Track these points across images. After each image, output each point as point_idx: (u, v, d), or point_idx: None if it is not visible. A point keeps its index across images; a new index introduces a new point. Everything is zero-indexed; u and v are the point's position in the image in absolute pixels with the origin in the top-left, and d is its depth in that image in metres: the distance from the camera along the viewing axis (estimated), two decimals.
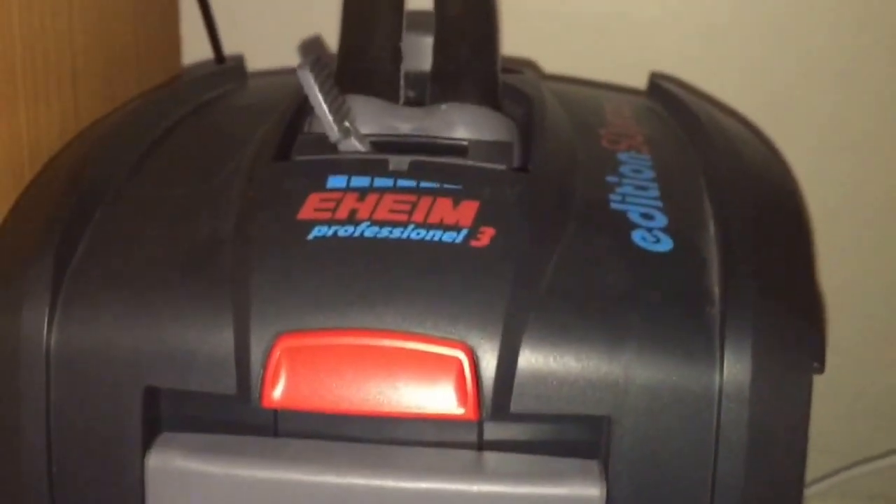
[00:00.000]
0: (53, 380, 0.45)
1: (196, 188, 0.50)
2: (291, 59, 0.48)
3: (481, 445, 0.45)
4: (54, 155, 0.57)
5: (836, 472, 0.86)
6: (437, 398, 0.42)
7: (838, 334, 0.82)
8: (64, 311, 0.45)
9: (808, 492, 0.87)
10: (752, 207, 0.49)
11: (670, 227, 0.48)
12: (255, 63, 0.74)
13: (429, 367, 0.42)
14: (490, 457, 0.45)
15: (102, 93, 0.67)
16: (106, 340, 0.44)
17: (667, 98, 0.62)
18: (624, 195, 0.49)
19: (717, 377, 0.43)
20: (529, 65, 0.74)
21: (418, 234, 0.44)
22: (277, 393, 0.43)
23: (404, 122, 0.52)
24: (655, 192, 0.50)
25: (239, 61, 0.69)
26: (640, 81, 0.70)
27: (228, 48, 0.77)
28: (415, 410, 0.43)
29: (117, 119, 0.58)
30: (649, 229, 0.47)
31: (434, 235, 0.44)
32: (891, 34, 0.76)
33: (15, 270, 0.46)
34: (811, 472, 0.85)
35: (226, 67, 0.68)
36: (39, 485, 0.45)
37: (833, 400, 0.85)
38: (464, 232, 0.45)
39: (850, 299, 0.82)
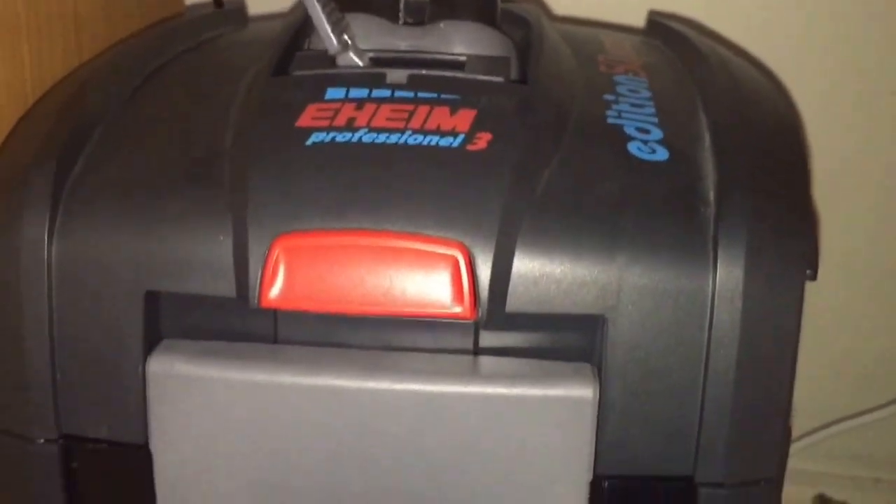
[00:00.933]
0: (55, 287, 0.45)
1: (196, 105, 0.51)
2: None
3: (477, 351, 0.46)
4: (57, 82, 0.58)
5: (821, 428, 0.86)
6: (434, 297, 0.43)
7: (827, 298, 0.82)
8: (65, 218, 0.45)
9: (794, 448, 0.88)
10: (749, 123, 0.49)
11: (666, 139, 0.48)
12: (255, 9, 0.75)
13: (425, 266, 0.43)
14: (485, 360, 0.45)
15: (105, 35, 0.67)
16: (106, 246, 0.45)
17: (665, 32, 0.63)
18: (620, 111, 0.50)
19: (710, 278, 0.43)
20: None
21: (415, 139, 0.45)
22: (275, 293, 0.43)
23: (403, 40, 0.52)
24: (651, 110, 0.50)
25: (239, 4, 0.70)
26: None
27: None
28: (411, 309, 0.43)
29: (119, 49, 0.58)
30: (645, 141, 0.48)
31: (431, 140, 0.45)
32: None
33: (16, 179, 0.47)
34: (796, 432, 0.86)
35: (227, 9, 0.68)
36: (43, 392, 0.46)
37: (820, 362, 0.85)
38: (461, 137, 0.45)
39: (841, 265, 0.82)
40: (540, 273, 0.43)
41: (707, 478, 0.44)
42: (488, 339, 0.46)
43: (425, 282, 0.43)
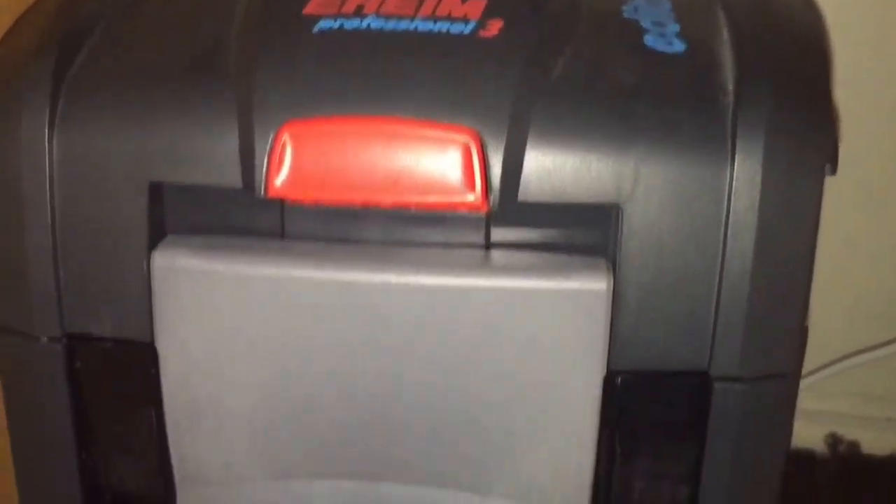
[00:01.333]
0: (56, 181, 0.44)
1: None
2: None
3: (489, 245, 0.45)
4: None
5: (835, 362, 0.85)
6: (445, 184, 0.42)
7: (841, 233, 0.81)
8: (65, 110, 0.44)
9: (805, 384, 0.87)
10: (769, 18, 0.48)
11: (683, 32, 0.46)
12: None
13: (436, 152, 0.42)
14: (497, 254, 0.44)
15: None
16: (108, 137, 0.44)
17: None
18: (636, 7, 0.48)
19: (728, 167, 0.42)
20: None
21: (425, 25, 0.44)
22: (281, 181, 0.42)
23: None
24: (668, 6, 0.49)
25: None
26: None
27: None
28: (422, 197, 0.42)
29: None
30: (662, 34, 0.46)
31: (441, 27, 0.44)
32: None
33: (15, 73, 0.45)
34: (809, 366, 0.85)
35: None
36: (46, 289, 0.45)
37: (832, 298, 0.84)
38: (472, 24, 0.44)
39: (855, 199, 0.81)
40: (553, 161, 0.42)
41: (723, 372, 0.43)
42: (500, 234, 0.45)
43: (436, 169, 0.42)
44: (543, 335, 0.43)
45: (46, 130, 0.44)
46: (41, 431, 0.48)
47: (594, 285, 0.42)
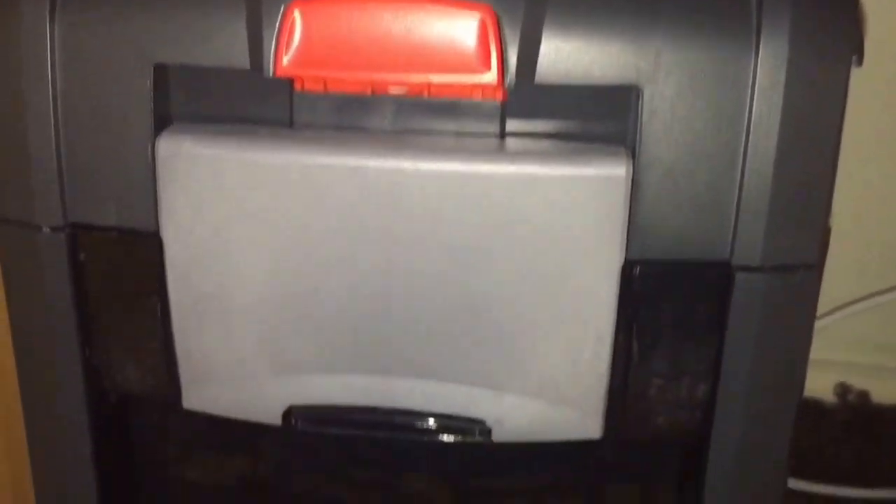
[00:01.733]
0: (58, 65, 0.43)
1: None
2: None
3: (504, 135, 0.44)
4: None
5: (845, 306, 0.84)
6: (460, 60, 0.40)
7: (857, 181, 0.79)
8: None
9: (817, 326, 0.86)
10: None
11: None
12: None
13: (451, 28, 0.40)
14: (514, 141, 0.43)
15: None
16: (110, 19, 0.42)
17: None
18: None
19: (753, 49, 0.40)
20: None
21: None
22: (290, 58, 0.41)
23: None
24: None
25: None
26: None
27: None
28: (435, 78, 0.41)
29: None
30: None
31: None
32: None
33: None
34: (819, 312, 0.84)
35: None
36: (48, 177, 0.44)
37: (847, 244, 0.83)
38: None
39: (870, 144, 0.79)
40: (571, 42, 0.40)
41: (744, 261, 0.42)
42: (516, 125, 0.43)
43: (450, 45, 0.40)
44: (560, 223, 0.42)
45: (47, 14, 0.43)
46: (43, 326, 0.47)
47: (613, 171, 0.41)
